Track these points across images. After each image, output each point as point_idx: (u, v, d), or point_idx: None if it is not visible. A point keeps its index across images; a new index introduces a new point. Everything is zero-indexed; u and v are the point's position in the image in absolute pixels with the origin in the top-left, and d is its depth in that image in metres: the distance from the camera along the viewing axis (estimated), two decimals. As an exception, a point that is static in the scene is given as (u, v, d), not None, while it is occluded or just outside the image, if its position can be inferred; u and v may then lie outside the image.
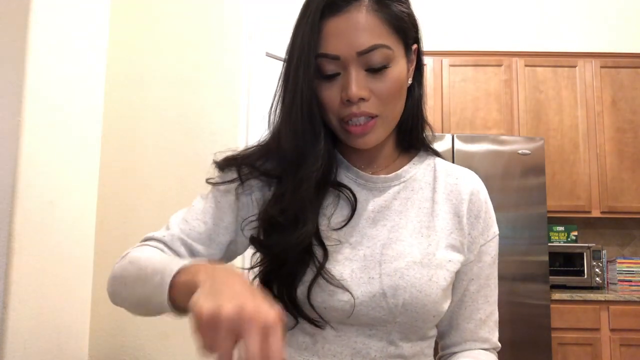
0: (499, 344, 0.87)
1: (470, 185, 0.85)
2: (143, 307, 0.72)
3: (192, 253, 0.80)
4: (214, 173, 0.85)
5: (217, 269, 0.60)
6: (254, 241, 0.79)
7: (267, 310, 0.51)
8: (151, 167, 2.29)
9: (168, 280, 0.63)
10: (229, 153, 0.84)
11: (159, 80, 2.34)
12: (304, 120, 0.75)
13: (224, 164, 0.83)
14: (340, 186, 0.81)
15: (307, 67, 0.73)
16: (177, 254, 0.79)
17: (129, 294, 0.73)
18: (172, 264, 0.66)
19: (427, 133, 0.88)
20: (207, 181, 0.84)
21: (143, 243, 0.82)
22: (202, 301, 0.51)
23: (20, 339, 1.36)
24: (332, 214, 0.80)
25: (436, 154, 0.90)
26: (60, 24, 1.55)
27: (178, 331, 2.18)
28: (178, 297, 0.63)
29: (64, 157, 1.61)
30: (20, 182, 1.35)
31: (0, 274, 1.30)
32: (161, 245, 0.79)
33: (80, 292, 1.74)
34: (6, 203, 1.32)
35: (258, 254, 0.81)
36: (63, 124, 1.60)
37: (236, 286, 0.54)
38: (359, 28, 0.72)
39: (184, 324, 0.82)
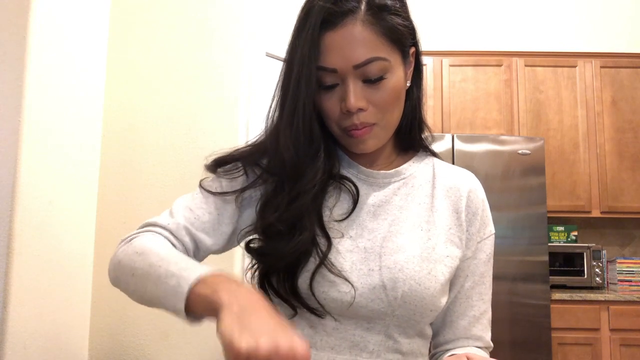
0: (492, 344, 0.88)
1: (468, 184, 0.87)
2: (150, 303, 0.72)
3: (196, 242, 0.81)
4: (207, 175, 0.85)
5: (239, 289, 0.61)
6: (249, 250, 0.80)
7: (299, 347, 0.55)
8: (151, 167, 2.29)
9: (186, 289, 0.64)
10: (219, 155, 0.84)
11: (159, 80, 2.34)
12: (305, 133, 0.77)
13: (223, 163, 0.83)
14: (342, 179, 0.83)
15: (307, 81, 0.74)
16: (182, 243, 0.79)
17: (137, 287, 0.73)
18: (188, 269, 0.66)
19: (426, 134, 0.89)
20: (212, 191, 0.83)
21: (147, 229, 0.80)
22: (238, 336, 0.54)
23: (20, 339, 1.36)
24: (334, 205, 0.81)
25: (434, 154, 0.92)
26: (60, 24, 1.55)
27: (178, 331, 2.18)
28: (194, 308, 0.64)
29: (64, 157, 1.61)
30: (20, 182, 1.35)
31: (0, 274, 1.30)
32: (166, 233, 0.79)
33: (80, 292, 1.74)
34: (6, 203, 1.32)
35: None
36: (63, 124, 1.60)
37: (266, 318, 0.58)
38: (354, 42, 0.73)
39: (184, 324, 0.82)
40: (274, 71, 2.70)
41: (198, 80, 2.35)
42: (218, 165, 0.84)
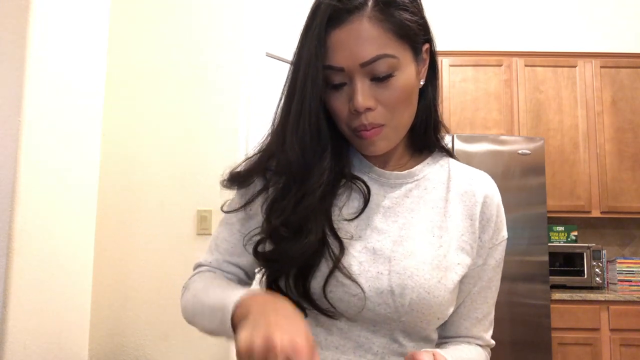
0: (493, 342, 0.88)
1: (485, 188, 0.85)
2: (214, 334, 0.77)
3: (242, 268, 0.85)
4: (217, 188, 0.85)
5: (267, 302, 0.66)
6: (257, 255, 0.79)
7: (294, 340, 0.58)
8: (151, 167, 2.29)
9: (229, 317, 0.69)
10: (232, 169, 0.84)
11: (159, 81, 2.34)
12: (312, 133, 0.75)
13: (237, 178, 0.83)
14: (353, 178, 0.81)
15: (314, 80, 0.73)
16: (229, 273, 0.85)
17: (201, 325, 0.78)
18: (227, 298, 0.71)
19: (442, 134, 0.87)
20: (224, 210, 0.86)
21: (197, 271, 0.87)
22: (241, 333, 0.60)
23: (20, 339, 1.36)
24: (344, 204, 0.80)
25: (450, 154, 0.89)
26: (60, 24, 1.55)
27: (178, 332, 2.18)
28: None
29: (64, 157, 1.61)
30: (20, 182, 1.35)
31: (0, 274, 1.30)
32: (212, 269, 0.85)
33: (80, 292, 1.74)
34: (6, 203, 1.32)
35: None
36: (63, 124, 1.60)
37: (273, 317, 0.61)
38: (361, 39, 0.72)
39: (184, 324, 0.82)
40: (274, 71, 2.70)
41: (198, 80, 2.35)
42: (232, 181, 0.83)
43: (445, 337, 0.86)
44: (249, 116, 2.41)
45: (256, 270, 0.84)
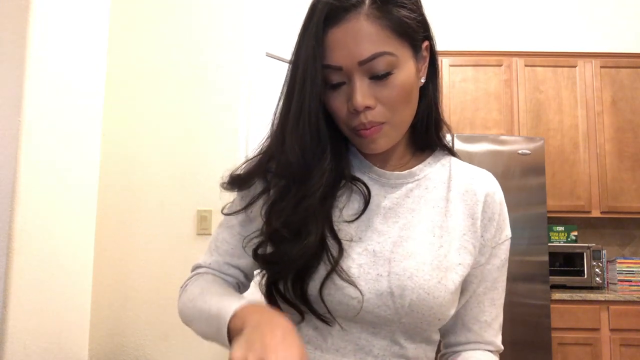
0: (502, 347, 0.87)
1: (486, 187, 0.84)
2: (211, 340, 0.76)
3: (241, 269, 0.85)
4: (218, 191, 0.84)
5: (261, 316, 0.65)
6: (256, 257, 0.78)
7: None
8: (151, 167, 2.29)
9: (225, 328, 0.69)
10: (232, 172, 0.83)
11: (159, 81, 2.34)
12: (312, 134, 0.74)
13: (237, 180, 0.82)
14: (354, 179, 0.80)
15: (313, 80, 0.72)
16: (229, 275, 0.85)
17: (197, 330, 0.78)
18: (224, 308, 0.70)
19: (443, 132, 0.86)
20: (224, 213, 0.85)
21: (195, 272, 0.86)
22: (236, 352, 0.59)
23: (20, 339, 1.36)
24: (344, 206, 0.79)
25: (452, 153, 0.89)
26: (60, 24, 1.55)
27: (178, 332, 2.18)
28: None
29: (64, 157, 1.61)
30: (20, 182, 1.35)
31: (0, 274, 1.30)
32: (212, 271, 0.85)
33: (80, 292, 1.74)
34: (6, 203, 1.32)
35: None
36: (63, 124, 1.60)
37: (268, 336, 0.60)
38: (358, 37, 0.71)
39: (184, 324, 0.82)
40: (274, 71, 2.70)
41: (198, 80, 2.35)
42: (232, 183, 0.82)
43: (456, 344, 0.85)
44: (249, 116, 2.41)
45: (255, 272, 0.84)
